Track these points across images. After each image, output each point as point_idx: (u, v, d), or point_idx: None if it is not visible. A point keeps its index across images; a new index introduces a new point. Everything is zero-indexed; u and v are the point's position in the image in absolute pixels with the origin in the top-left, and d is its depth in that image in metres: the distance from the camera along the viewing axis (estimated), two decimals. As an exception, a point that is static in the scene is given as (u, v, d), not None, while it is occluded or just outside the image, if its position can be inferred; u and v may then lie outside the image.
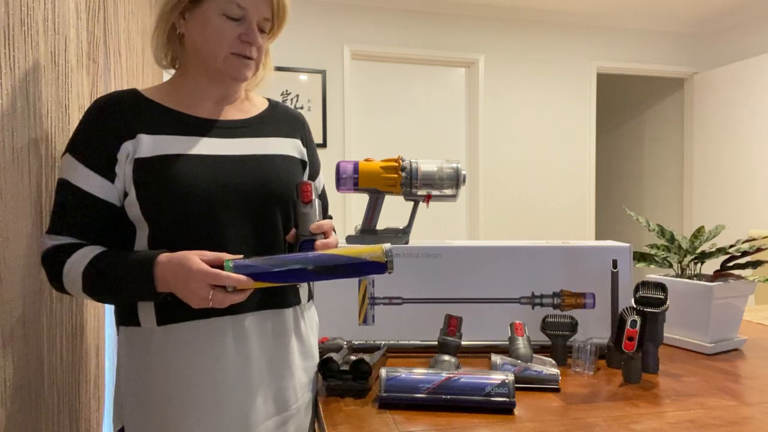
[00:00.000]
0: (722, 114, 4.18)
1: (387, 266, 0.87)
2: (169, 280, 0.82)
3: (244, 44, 0.92)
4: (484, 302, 1.29)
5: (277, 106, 1.07)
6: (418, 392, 0.94)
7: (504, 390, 0.93)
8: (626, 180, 5.32)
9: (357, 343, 1.26)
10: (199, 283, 0.80)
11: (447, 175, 1.31)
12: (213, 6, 0.90)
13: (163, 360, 0.90)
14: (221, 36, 0.91)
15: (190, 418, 0.89)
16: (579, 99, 4.27)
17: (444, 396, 0.94)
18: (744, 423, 0.89)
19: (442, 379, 0.95)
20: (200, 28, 0.91)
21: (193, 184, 0.88)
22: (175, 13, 0.91)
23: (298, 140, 1.04)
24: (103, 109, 0.90)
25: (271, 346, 0.96)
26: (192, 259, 0.81)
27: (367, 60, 4.05)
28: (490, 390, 0.93)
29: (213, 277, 0.80)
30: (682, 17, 4.29)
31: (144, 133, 0.89)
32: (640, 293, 1.13)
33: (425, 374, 0.96)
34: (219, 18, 0.90)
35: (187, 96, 0.96)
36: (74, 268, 0.86)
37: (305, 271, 0.84)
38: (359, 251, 0.86)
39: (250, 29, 0.92)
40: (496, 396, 0.93)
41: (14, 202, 0.85)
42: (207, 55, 0.92)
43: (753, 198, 3.94)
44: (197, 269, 0.80)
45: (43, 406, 0.93)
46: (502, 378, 0.94)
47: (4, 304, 0.82)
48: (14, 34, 0.83)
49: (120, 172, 0.89)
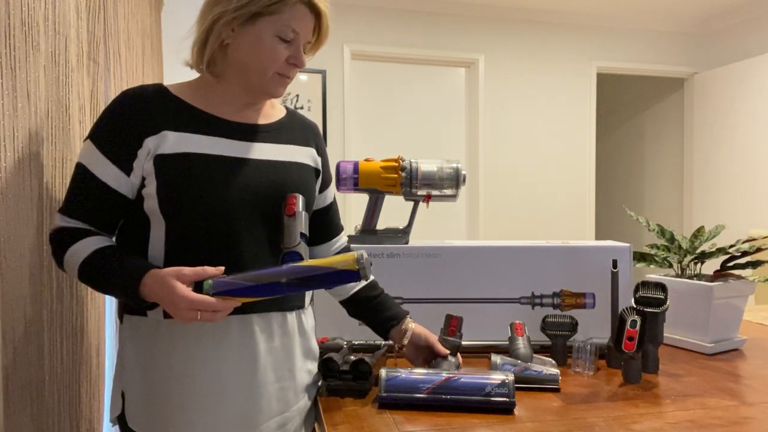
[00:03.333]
0: (722, 114, 4.18)
1: (360, 274, 0.86)
2: (154, 298, 0.84)
3: (290, 66, 0.94)
4: (484, 302, 1.29)
5: (294, 114, 1.09)
6: (418, 392, 0.94)
7: (504, 390, 0.93)
8: (626, 180, 5.32)
9: (357, 343, 1.26)
10: (185, 311, 0.81)
11: (447, 175, 1.31)
12: (268, 26, 0.90)
13: (168, 352, 0.91)
14: (273, 57, 0.92)
15: (192, 411, 0.90)
16: (579, 99, 4.27)
17: (444, 396, 0.94)
18: (744, 423, 0.89)
19: (442, 379, 0.95)
20: (252, 44, 0.91)
21: (211, 184, 0.89)
22: (229, 27, 0.91)
23: (313, 149, 1.06)
24: (131, 103, 0.90)
25: (276, 346, 0.97)
26: (173, 285, 0.81)
27: (367, 60, 4.05)
28: (490, 390, 0.93)
29: (197, 304, 0.81)
30: (682, 17, 4.29)
31: (169, 129, 0.90)
32: (640, 293, 1.13)
33: (425, 374, 0.96)
34: (272, 39, 0.91)
35: (215, 98, 0.96)
36: (74, 257, 0.87)
37: (279, 284, 0.84)
38: (331, 261, 0.86)
39: (298, 52, 0.94)
40: (496, 396, 0.93)
41: (15, 202, 0.85)
42: (254, 71, 0.93)
43: (753, 198, 3.94)
44: (179, 296, 0.81)
45: (44, 406, 0.94)
46: (502, 378, 0.94)
47: (5, 304, 0.82)
48: (14, 34, 0.83)
49: (137, 167, 0.90)
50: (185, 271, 0.83)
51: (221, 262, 0.90)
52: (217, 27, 0.91)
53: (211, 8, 0.91)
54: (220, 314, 0.83)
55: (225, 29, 0.91)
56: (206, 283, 0.83)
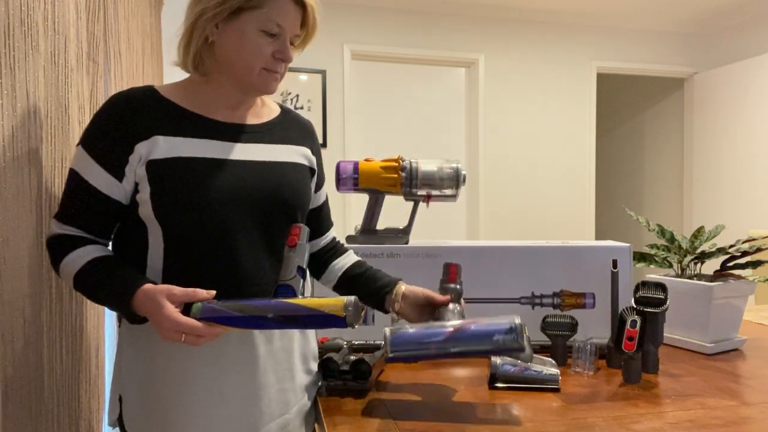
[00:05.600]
0: (722, 114, 4.18)
1: (347, 321, 0.83)
2: (144, 312, 0.84)
3: (277, 61, 0.93)
4: (484, 302, 1.29)
5: (289, 112, 1.08)
6: (426, 347, 0.90)
7: (512, 336, 0.89)
8: (626, 180, 5.32)
9: (357, 343, 1.26)
10: (170, 331, 0.81)
11: (447, 175, 1.31)
12: (252, 21, 0.89)
13: (167, 357, 0.90)
14: (258, 52, 0.90)
15: (191, 415, 0.89)
16: (579, 99, 4.27)
17: (452, 349, 0.90)
18: (744, 423, 0.89)
19: (450, 331, 0.90)
20: (236, 40, 0.90)
21: (205, 187, 0.89)
22: (212, 24, 0.90)
23: (307, 148, 1.05)
24: (121, 108, 0.89)
25: (275, 347, 0.97)
26: (162, 303, 0.81)
27: (367, 60, 4.05)
28: (499, 338, 0.89)
29: (183, 327, 0.80)
30: (682, 17, 4.29)
31: (160, 134, 0.89)
32: (640, 293, 1.13)
33: (431, 327, 0.92)
34: (256, 34, 0.90)
35: (206, 99, 0.95)
36: (69, 266, 0.87)
37: (266, 318, 0.83)
38: (320, 303, 0.84)
39: (284, 47, 0.92)
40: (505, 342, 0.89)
41: (14, 202, 0.85)
42: (240, 68, 0.92)
43: (753, 198, 3.94)
44: (166, 316, 0.80)
45: (43, 406, 0.93)
46: (510, 323, 0.89)
47: (4, 304, 0.82)
48: (14, 34, 0.83)
49: (129, 172, 0.89)
50: (176, 291, 0.82)
51: (220, 266, 0.90)
52: (201, 24, 0.90)
53: (195, 5, 0.90)
54: (203, 340, 0.82)
55: (209, 26, 0.90)
56: (195, 307, 0.82)
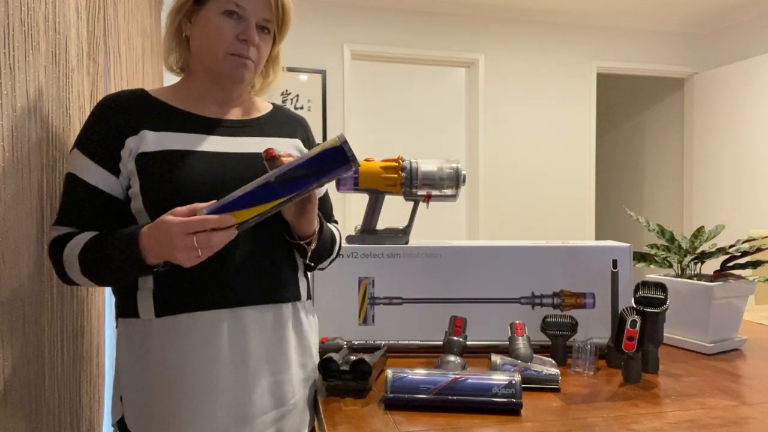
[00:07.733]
0: (722, 114, 4.18)
1: (345, 150, 0.82)
2: (154, 248, 0.81)
3: (241, 43, 0.93)
4: (484, 302, 1.29)
5: (281, 108, 1.09)
6: (424, 393, 0.94)
7: (510, 391, 0.93)
8: (626, 180, 5.32)
9: (357, 343, 1.26)
10: (180, 236, 0.78)
11: (447, 175, 1.31)
12: (214, 6, 0.92)
13: (162, 351, 0.91)
14: (219, 35, 0.92)
15: (188, 408, 0.90)
16: (579, 99, 4.27)
17: (450, 397, 0.94)
18: (744, 423, 0.89)
19: (449, 380, 0.95)
20: (202, 28, 0.93)
21: (194, 179, 0.90)
22: (180, 15, 0.93)
23: (298, 140, 1.06)
24: (110, 107, 0.92)
25: (269, 339, 0.96)
26: (166, 218, 0.80)
27: (367, 60, 4.05)
28: (497, 391, 0.93)
29: (190, 226, 0.78)
30: (682, 17, 4.29)
31: (148, 129, 0.91)
32: (640, 293, 1.13)
33: (431, 375, 0.96)
34: (218, 18, 0.92)
35: (192, 97, 0.98)
36: (71, 252, 0.87)
37: (270, 185, 0.81)
38: (313, 149, 0.84)
39: (248, 29, 0.93)
40: (503, 397, 0.93)
41: (15, 202, 0.85)
42: (206, 55, 0.94)
43: (753, 198, 3.94)
44: (173, 223, 0.79)
45: (44, 407, 0.94)
46: (508, 379, 0.94)
47: (4, 304, 0.82)
48: (14, 34, 0.83)
49: (123, 168, 0.91)
50: (178, 209, 0.81)
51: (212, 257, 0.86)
52: (176, 20, 0.94)
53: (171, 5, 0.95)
54: (216, 236, 0.79)
55: (183, 21, 0.94)
56: (200, 213, 0.81)
